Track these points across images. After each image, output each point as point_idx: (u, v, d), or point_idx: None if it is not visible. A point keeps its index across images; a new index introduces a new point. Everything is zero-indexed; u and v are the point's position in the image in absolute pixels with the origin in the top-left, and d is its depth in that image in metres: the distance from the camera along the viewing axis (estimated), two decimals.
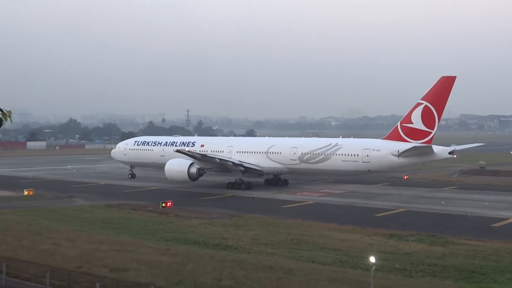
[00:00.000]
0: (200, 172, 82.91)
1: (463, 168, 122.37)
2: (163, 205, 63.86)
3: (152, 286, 30.91)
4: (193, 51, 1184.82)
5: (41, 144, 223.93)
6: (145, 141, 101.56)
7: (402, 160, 79.30)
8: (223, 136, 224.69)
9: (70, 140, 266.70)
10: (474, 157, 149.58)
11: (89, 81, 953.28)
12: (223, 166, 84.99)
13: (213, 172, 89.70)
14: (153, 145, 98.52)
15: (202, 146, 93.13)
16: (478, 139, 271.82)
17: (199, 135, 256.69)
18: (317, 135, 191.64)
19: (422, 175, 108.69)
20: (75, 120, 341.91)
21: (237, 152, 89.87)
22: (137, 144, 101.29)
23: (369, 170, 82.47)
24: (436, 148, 79.08)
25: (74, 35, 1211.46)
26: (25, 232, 47.59)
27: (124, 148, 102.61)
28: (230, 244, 44.58)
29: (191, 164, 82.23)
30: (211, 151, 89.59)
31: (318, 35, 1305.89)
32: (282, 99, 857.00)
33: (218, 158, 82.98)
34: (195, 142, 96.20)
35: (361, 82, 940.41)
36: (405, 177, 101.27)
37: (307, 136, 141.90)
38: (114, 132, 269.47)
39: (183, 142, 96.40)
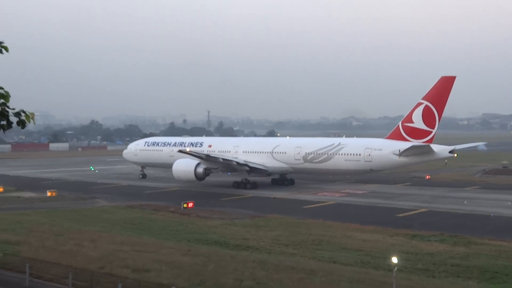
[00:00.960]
0: (207, 172, 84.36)
1: (485, 168, 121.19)
2: (184, 205, 64.10)
3: (173, 287, 30.94)
4: (213, 51, 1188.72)
5: (64, 145, 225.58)
6: (155, 142, 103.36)
7: (403, 159, 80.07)
8: (243, 136, 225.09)
9: (92, 142, 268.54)
10: (497, 156, 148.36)
11: (110, 83, 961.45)
12: (229, 166, 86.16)
13: (220, 172, 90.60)
14: (163, 146, 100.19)
15: (210, 146, 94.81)
16: (501, 138, 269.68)
17: (220, 135, 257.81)
18: (339, 136, 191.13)
19: (444, 175, 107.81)
20: (96, 121, 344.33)
21: (243, 152, 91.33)
22: (147, 145, 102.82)
23: (371, 170, 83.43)
24: (436, 147, 79.61)
25: (94, 37, 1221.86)
26: (48, 233, 47.93)
27: (135, 149, 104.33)
28: (251, 244, 44.53)
29: (198, 164, 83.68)
30: (218, 151, 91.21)
31: (338, 33, 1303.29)
32: (303, 99, 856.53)
33: (222, 158, 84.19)
34: (203, 142, 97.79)
35: (382, 81, 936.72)
36: (427, 176, 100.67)
37: (328, 137, 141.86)
38: (135, 133, 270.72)
39: (192, 143, 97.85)
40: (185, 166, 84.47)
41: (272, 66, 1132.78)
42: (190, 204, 64.70)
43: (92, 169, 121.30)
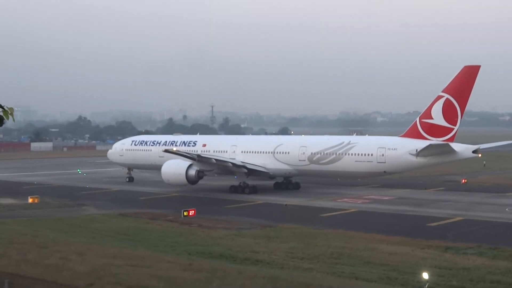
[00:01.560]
0: (200, 175, 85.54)
1: None
2: (184, 214, 64.18)
3: None
4: (217, 40, 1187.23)
5: (47, 145, 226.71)
6: (143, 141, 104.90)
7: (420, 160, 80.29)
8: (252, 134, 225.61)
9: (80, 141, 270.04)
10: None
11: (100, 74, 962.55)
12: (224, 167, 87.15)
13: (216, 175, 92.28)
14: (152, 145, 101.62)
15: (204, 146, 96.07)
16: None
17: (226, 133, 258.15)
18: (361, 133, 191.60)
19: (482, 178, 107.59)
20: (84, 117, 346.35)
21: (242, 152, 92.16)
22: (135, 144, 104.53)
23: (385, 172, 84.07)
24: (457, 147, 79.71)
25: (81, 24, 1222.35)
26: (30, 245, 48.12)
27: (121, 149, 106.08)
28: (261, 258, 44.58)
29: (190, 166, 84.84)
30: (214, 151, 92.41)
31: (363, 15, 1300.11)
32: (320, 92, 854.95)
33: (215, 159, 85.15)
34: (196, 141, 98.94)
35: (413, 70, 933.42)
36: (463, 180, 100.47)
37: (349, 135, 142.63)
38: (129, 131, 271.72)
39: (184, 142, 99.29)
40: (175, 168, 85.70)
41: (284, 55, 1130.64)
42: (192, 212, 64.78)
43: (80, 172, 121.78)
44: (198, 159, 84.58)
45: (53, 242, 49.65)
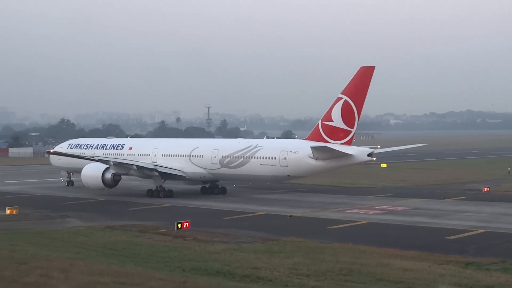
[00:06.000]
0: (116, 178, 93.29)
1: None
2: (178, 226, 64.13)
3: None
4: (215, 39, 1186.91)
5: (27, 150, 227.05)
6: (78, 144, 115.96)
7: (320, 163, 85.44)
8: (251, 138, 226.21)
9: None
10: None
11: (86, 74, 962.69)
12: (140, 171, 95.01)
13: (139, 179, 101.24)
14: (85, 149, 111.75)
15: (130, 149, 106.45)
16: None
17: (223, 137, 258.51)
18: (372, 137, 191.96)
19: (507, 186, 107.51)
20: (68, 120, 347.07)
21: (162, 155, 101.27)
22: (70, 147, 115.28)
23: (288, 176, 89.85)
24: (352, 150, 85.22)
25: (64, 20, 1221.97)
26: (7, 261, 47.98)
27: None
28: (262, 275, 44.52)
29: (107, 169, 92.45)
30: (138, 155, 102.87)
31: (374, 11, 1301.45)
32: (328, 93, 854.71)
33: (113, 162, 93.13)
34: (124, 144, 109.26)
35: (429, 69, 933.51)
36: (485, 189, 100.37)
37: (360, 139, 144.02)
38: (117, 135, 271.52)
39: (113, 145, 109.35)
40: (92, 171, 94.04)
41: (287, 54, 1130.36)
42: (186, 224, 64.72)
43: (63, 180, 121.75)
44: (97, 160, 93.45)
45: (33, 258, 49.55)
